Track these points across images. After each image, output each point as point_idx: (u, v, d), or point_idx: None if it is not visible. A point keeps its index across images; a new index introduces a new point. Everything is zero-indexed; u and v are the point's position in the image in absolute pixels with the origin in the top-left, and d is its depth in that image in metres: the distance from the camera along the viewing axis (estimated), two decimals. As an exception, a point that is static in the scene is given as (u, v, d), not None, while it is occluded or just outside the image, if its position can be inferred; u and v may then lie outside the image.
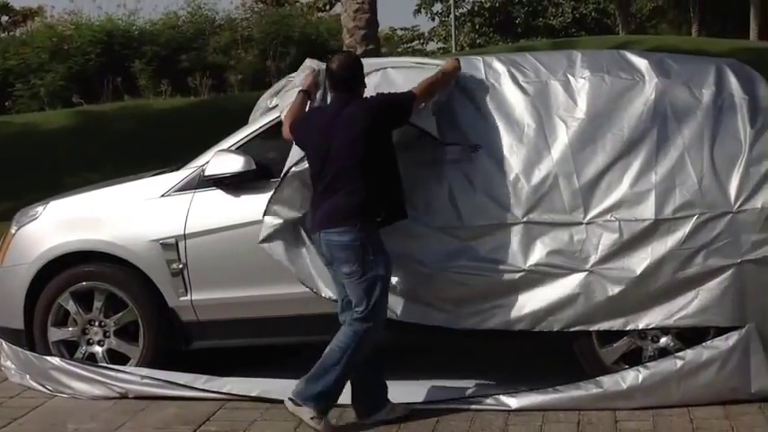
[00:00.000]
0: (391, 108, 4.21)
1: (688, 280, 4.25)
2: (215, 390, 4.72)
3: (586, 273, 4.30)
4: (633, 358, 4.43)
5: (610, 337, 4.45)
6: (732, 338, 4.23)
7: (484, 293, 4.40)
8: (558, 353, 4.72)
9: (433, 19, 39.46)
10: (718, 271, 4.23)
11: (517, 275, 4.34)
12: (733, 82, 4.54)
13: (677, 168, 4.31)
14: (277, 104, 5.06)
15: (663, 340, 4.42)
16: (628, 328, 4.34)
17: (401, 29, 39.27)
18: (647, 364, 4.33)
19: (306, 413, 4.14)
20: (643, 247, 4.27)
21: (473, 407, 4.40)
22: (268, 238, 4.45)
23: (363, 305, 4.11)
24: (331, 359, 4.15)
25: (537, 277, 4.33)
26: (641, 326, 4.32)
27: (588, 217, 4.32)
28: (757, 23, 28.51)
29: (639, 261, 4.26)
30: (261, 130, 4.94)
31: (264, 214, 4.44)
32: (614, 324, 4.34)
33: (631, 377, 4.29)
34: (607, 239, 4.29)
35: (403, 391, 4.54)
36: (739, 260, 4.21)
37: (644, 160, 4.35)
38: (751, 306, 4.24)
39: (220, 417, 4.50)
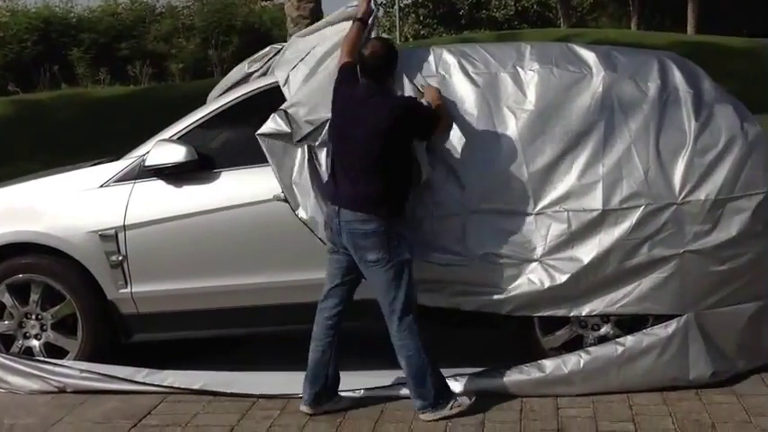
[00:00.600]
0: (416, 121, 4.18)
1: (633, 269, 4.32)
2: (156, 383, 4.65)
3: (535, 263, 4.34)
4: (574, 347, 4.48)
5: (552, 325, 4.50)
6: (671, 326, 4.32)
7: (439, 278, 4.41)
8: (500, 339, 4.76)
9: (378, 9, 39.42)
10: (662, 261, 4.30)
11: (468, 264, 4.36)
12: (677, 76, 4.61)
13: (624, 160, 4.36)
14: (256, 69, 5.17)
15: (603, 329, 4.49)
16: (571, 315, 4.39)
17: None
18: (589, 348, 4.39)
19: (445, 412, 4.15)
20: (591, 237, 4.32)
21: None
22: (268, 134, 4.43)
23: (393, 295, 4.08)
24: (415, 364, 4.13)
25: (487, 266, 4.35)
26: (584, 313, 4.37)
27: (537, 208, 4.36)
28: (694, 17, 29.10)
29: (587, 251, 4.31)
30: (204, 119, 4.87)
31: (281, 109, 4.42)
32: (558, 311, 4.38)
33: (573, 362, 4.35)
34: (556, 230, 4.33)
35: (346, 380, 4.52)
36: (682, 250, 4.29)
37: (592, 152, 4.39)
38: (691, 295, 4.32)
39: (162, 410, 4.44)
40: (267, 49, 5.34)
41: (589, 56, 4.64)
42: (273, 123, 4.42)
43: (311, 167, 4.43)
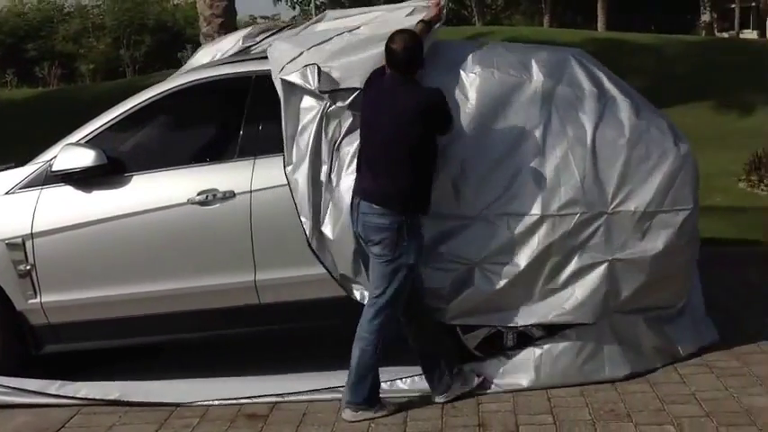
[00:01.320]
0: (440, 115, 4.12)
1: (567, 276, 4.36)
2: (70, 395, 4.51)
3: (476, 267, 4.34)
4: (495, 342, 4.52)
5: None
6: (588, 330, 4.39)
7: None
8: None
9: (294, 7, 39.22)
10: (591, 268, 4.34)
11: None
12: (612, 87, 4.63)
13: (562, 166, 4.37)
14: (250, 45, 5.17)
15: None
16: (509, 325, 4.41)
17: (261, 17, 38.79)
18: (508, 353, 4.43)
19: (368, 414, 4.12)
20: (529, 242, 4.33)
21: (338, 396, 4.38)
22: (291, 82, 4.34)
23: (381, 289, 4.06)
24: (366, 359, 4.10)
25: (430, 272, 4.33)
26: (521, 323, 4.38)
27: (477, 212, 4.35)
28: (604, 14, 29.84)
29: (525, 256, 4.33)
30: (114, 121, 4.74)
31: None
32: (494, 319, 4.40)
33: (493, 367, 4.40)
34: (495, 234, 4.34)
35: (271, 384, 4.51)
36: (611, 258, 4.34)
37: (531, 157, 4.40)
38: (613, 302, 4.40)
39: (76, 423, 4.30)
40: (269, 23, 5.27)
41: (529, 60, 4.61)
42: (301, 77, 4.30)
43: (316, 132, 4.33)
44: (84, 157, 4.51)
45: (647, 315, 4.50)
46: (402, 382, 4.42)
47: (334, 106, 4.33)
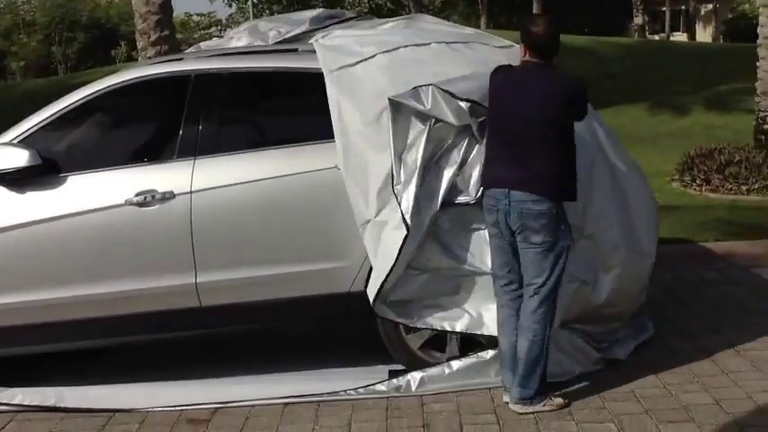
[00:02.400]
0: (581, 102, 4.07)
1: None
2: (4, 401, 4.38)
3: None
4: (438, 344, 4.54)
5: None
6: None
7: None
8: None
9: (231, 5, 38.84)
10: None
11: None
12: None
13: None
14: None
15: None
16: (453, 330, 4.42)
17: (197, 14, 38.36)
18: (451, 363, 4.43)
19: (537, 407, 4.09)
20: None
21: (281, 401, 4.35)
22: (401, 103, 4.19)
23: (544, 277, 4.02)
24: (536, 352, 4.06)
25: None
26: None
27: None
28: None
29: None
30: (48, 120, 4.60)
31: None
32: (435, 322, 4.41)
33: (437, 373, 4.40)
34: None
35: (213, 389, 4.46)
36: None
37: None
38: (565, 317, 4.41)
39: (11, 430, 4.18)
40: (337, 11, 5.19)
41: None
42: (414, 98, 4.18)
43: (424, 150, 4.20)
44: (17, 158, 4.37)
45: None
46: (382, 384, 4.40)
47: (440, 124, 4.23)
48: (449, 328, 4.40)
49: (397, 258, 4.16)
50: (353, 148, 4.32)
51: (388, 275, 4.19)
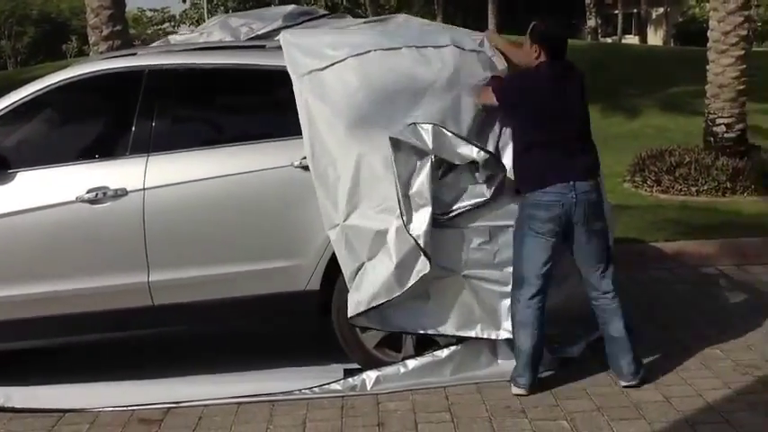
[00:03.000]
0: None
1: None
2: (-50, 402, 4.29)
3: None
4: (393, 342, 4.54)
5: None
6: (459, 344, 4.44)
7: None
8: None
9: (185, 1, 38.47)
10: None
11: None
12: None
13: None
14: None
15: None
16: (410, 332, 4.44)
17: (151, 10, 37.91)
18: (407, 362, 4.43)
19: (642, 375, 4.32)
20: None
21: (235, 400, 4.31)
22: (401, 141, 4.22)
23: (607, 260, 4.29)
24: (631, 326, 4.31)
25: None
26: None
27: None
28: (495, 16, 30.43)
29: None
30: (-4, 115, 4.51)
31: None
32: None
33: (392, 372, 4.41)
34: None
35: (165, 389, 4.42)
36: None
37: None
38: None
39: (-44, 432, 4.10)
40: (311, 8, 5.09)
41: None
42: (415, 136, 4.20)
43: (430, 177, 4.20)
44: None
45: None
46: (337, 384, 4.39)
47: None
48: (431, 332, 4.39)
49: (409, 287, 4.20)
50: (322, 152, 4.29)
51: (388, 300, 4.22)
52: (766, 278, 6.09)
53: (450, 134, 4.23)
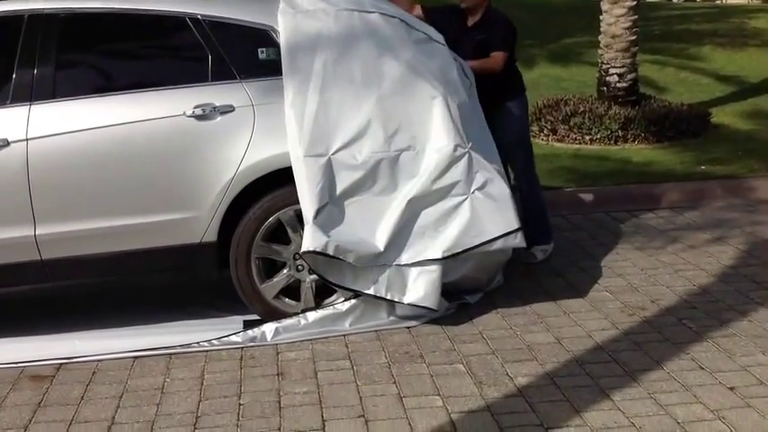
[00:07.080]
0: None
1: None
2: None
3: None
4: (292, 291, 4.54)
5: (268, 271, 4.51)
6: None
7: None
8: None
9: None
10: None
11: None
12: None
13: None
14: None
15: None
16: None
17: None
18: (307, 314, 4.44)
19: None
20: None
21: (130, 354, 4.24)
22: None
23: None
24: None
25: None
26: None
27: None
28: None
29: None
30: None
31: None
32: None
33: (292, 323, 4.42)
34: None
35: (60, 346, 4.32)
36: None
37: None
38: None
39: None
40: None
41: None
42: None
43: None
44: None
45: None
46: (236, 335, 4.36)
47: None
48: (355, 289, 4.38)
49: None
50: (298, 88, 4.29)
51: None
52: (654, 222, 6.32)
53: None
